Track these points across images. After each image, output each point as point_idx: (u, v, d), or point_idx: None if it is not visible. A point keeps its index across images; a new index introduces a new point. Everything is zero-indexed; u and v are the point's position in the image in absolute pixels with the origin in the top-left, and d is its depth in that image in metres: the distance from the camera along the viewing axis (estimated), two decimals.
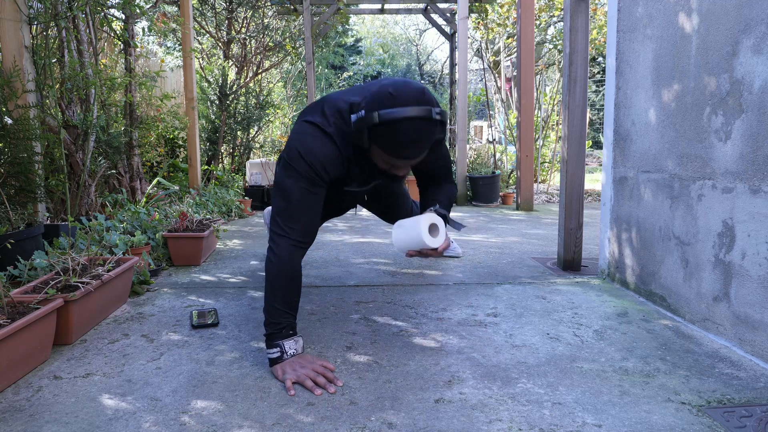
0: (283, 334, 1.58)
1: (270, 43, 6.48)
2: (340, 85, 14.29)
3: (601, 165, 9.17)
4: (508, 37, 6.72)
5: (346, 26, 7.71)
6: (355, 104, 1.63)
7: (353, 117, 1.54)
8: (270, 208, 2.93)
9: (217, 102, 6.02)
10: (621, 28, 2.40)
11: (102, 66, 3.95)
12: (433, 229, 1.68)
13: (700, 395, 1.44)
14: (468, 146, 6.91)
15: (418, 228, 1.62)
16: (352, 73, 16.86)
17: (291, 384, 1.48)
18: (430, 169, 1.90)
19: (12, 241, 2.18)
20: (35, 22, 2.86)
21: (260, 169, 5.40)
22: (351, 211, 4.92)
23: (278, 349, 1.57)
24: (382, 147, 1.51)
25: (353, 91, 1.74)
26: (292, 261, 1.62)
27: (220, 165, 6.15)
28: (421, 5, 7.01)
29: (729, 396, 1.44)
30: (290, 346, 1.58)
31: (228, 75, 6.17)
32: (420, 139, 1.49)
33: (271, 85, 7.47)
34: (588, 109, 6.32)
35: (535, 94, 5.44)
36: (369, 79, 23.06)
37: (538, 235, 3.74)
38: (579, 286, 2.47)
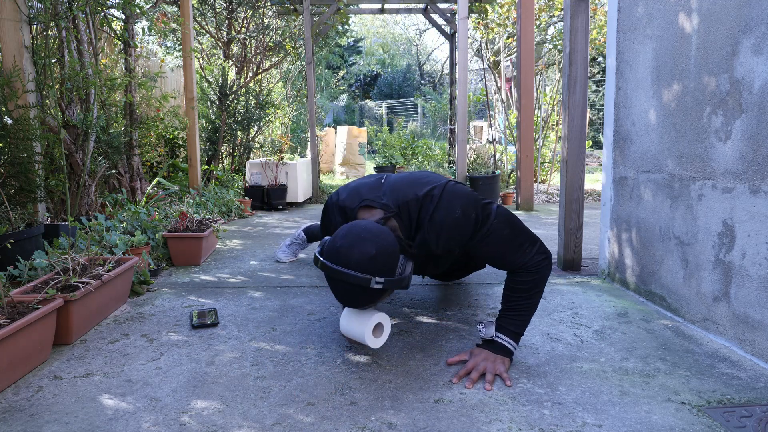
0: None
1: (270, 43, 6.48)
2: (338, 83, 14.28)
3: (601, 165, 9.16)
4: (508, 37, 6.72)
5: (346, 26, 7.71)
6: (354, 208, 1.72)
7: (316, 250, 1.57)
8: (307, 225, 2.91)
9: (217, 102, 6.02)
10: (621, 28, 2.40)
11: (102, 66, 3.95)
12: (378, 328, 1.60)
13: (700, 395, 1.44)
14: (468, 146, 6.91)
15: (362, 328, 1.56)
16: (345, 72, 16.83)
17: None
18: (491, 259, 1.70)
19: (12, 241, 2.18)
20: (35, 22, 2.86)
21: (260, 169, 5.40)
22: None
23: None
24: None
25: (352, 195, 1.76)
26: None
27: (220, 165, 6.15)
28: (421, 5, 7.01)
29: (729, 396, 1.44)
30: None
31: (228, 75, 6.17)
32: (352, 299, 1.48)
33: (271, 85, 7.46)
34: (588, 109, 6.31)
35: (535, 94, 5.44)
36: (368, 78, 23.05)
37: (538, 235, 3.73)
38: (579, 286, 2.47)
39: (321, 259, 1.50)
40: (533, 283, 1.64)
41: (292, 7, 6.29)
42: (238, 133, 6.34)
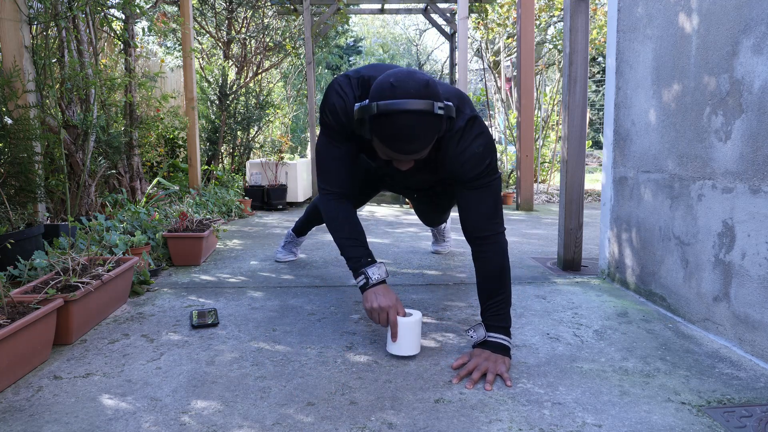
0: (362, 263, 1.69)
1: (270, 43, 6.48)
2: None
3: (601, 165, 9.17)
4: (508, 37, 6.72)
5: (346, 26, 7.71)
6: (371, 78, 1.67)
7: (356, 106, 1.52)
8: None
9: (217, 102, 6.02)
10: (621, 28, 2.40)
11: (102, 66, 3.95)
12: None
13: (700, 395, 1.44)
14: None
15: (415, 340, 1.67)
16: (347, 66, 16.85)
17: (369, 310, 1.65)
18: (468, 210, 1.69)
19: (12, 241, 2.18)
20: (35, 22, 2.86)
21: (260, 169, 5.40)
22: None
23: (363, 276, 1.67)
24: (380, 139, 1.47)
25: (376, 67, 1.75)
26: (336, 206, 1.76)
27: (220, 165, 6.15)
28: (421, 5, 7.01)
29: (729, 396, 1.44)
30: (373, 272, 1.68)
31: (228, 75, 6.17)
32: (418, 134, 1.42)
33: (271, 85, 7.46)
34: (588, 109, 6.31)
35: (535, 94, 5.44)
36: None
37: (538, 235, 3.74)
38: (579, 286, 2.47)
39: (376, 103, 1.41)
40: (500, 259, 1.67)
41: (292, 7, 6.28)
42: (238, 133, 6.34)
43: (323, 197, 1.81)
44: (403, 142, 1.44)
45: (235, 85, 6.13)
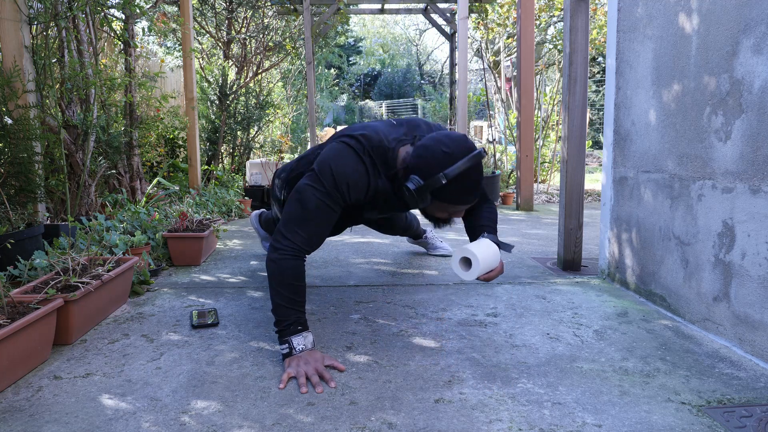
0: (290, 330, 1.62)
1: (270, 43, 6.48)
2: (335, 82, 14.26)
3: (601, 165, 9.17)
4: (508, 37, 6.72)
5: (346, 26, 7.71)
6: (396, 146, 1.75)
7: (410, 185, 1.61)
8: (258, 212, 2.95)
9: (217, 102, 6.02)
10: (621, 28, 2.40)
11: (102, 66, 3.95)
12: (464, 263, 1.73)
13: (700, 395, 1.44)
14: None
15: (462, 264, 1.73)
16: (342, 72, 16.84)
17: (286, 378, 1.51)
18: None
19: (12, 241, 2.18)
20: (35, 22, 2.86)
21: (260, 169, 5.40)
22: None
23: (287, 345, 1.61)
24: (448, 201, 1.63)
25: (389, 128, 1.81)
26: (294, 267, 1.65)
27: (220, 165, 6.15)
28: (421, 5, 7.01)
29: (729, 396, 1.44)
30: (298, 342, 1.61)
31: (228, 75, 6.17)
32: (481, 179, 1.63)
33: (271, 85, 7.46)
34: (588, 109, 6.31)
35: (535, 94, 5.44)
36: (368, 78, 23.02)
37: (538, 235, 3.74)
38: (579, 286, 2.47)
39: (443, 173, 1.55)
40: (491, 207, 2.01)
41: (292, 7, 6.29)
42: (238, 133, 6.34)
43: (285, 253, 1.64)
44: (474, 193, 1.63)
45: (235, 85, 6.13)
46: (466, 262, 1.72)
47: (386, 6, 6.80)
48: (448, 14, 6.98)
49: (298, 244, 1.66)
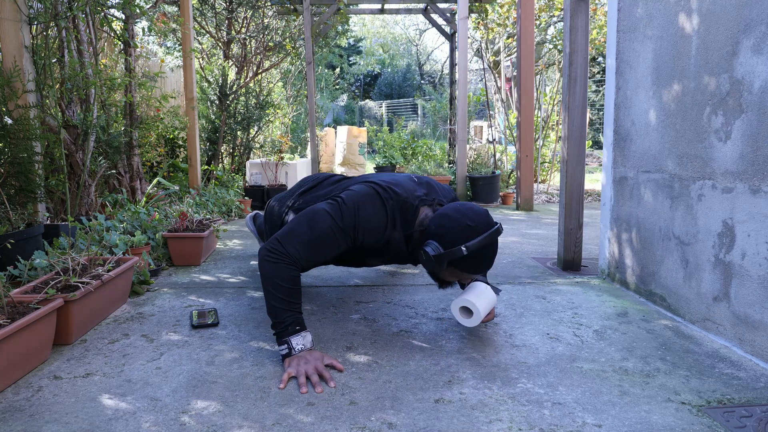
0: (289, 331, 1.62)
1: (270, 43, 6.48)
2: (336, 83, 14.27)
3: (601, 165, 9.17)
4: (508, 37, 6.72)
5: (346, 26, 7.71)
6: (418, 205, 1.81)
7: (429, 251, 1.67)
8: (253, 213, 2.93)
9: (217, 102, 6.02)
10: (621, 28, 2.40)
11: (102, 66, 3.95)
12: (464, 311, 1.79)
13: (700, 395, 1.44)
14: (468, 146, 6.91)
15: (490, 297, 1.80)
16: (342, 72, 16.83)
17: (286, 378, 1.52)
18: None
19: (12, 241, 2.18)
20: (35, 22, 2.86)
21: (260, 169, 5.40)
22: None
23: (286, 345, 1.61)
24: (464, 270, 1.70)
25: (412, 184, 1.86)
26: (289, 272, 1.66)
27: (220, 165, 6.15)
28: (421, 5, 7.01)
29: (729, 396, 1.44)
30: (297, 342, 1.61)
31: (228, 75, 6.17)
32: (496, 252, 1.71)
33: (271, 85, 7.46)
34: (588, 109, 6.31)
35: (535, 94, 5.44)
36: (368, 78, 23.02)
37: (538, 235, 3.74)
38: (579, 286, 2.47)
39: (465, 246, 1.63)
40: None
41: (292, 7, 6.29)
42: (238, 133, 6.34)
43: (279, 262, 1.64)
44: (489, 264, 1.72)
45: (235, 85, 6.13)
46: (467, 311, 1.77)
47: (386, 6, 6.80)
48: (448, 14, 6.98)
49: (295, 259, 1.67)
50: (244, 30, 6.31)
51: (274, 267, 1.64)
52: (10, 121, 2.54)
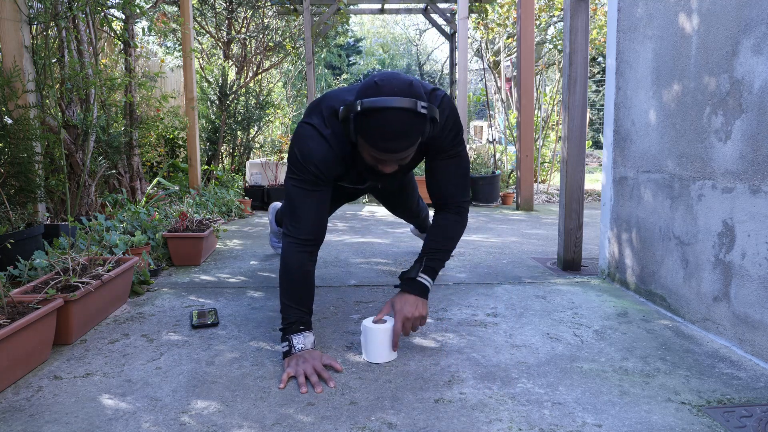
0: (292, 329, 1.63)
1: (270, 43, 6.48)
2: (339, 85, 14.28)
3: (601, 165, 9.17)
4: (508, 37, 6.72)
5: (346, 26, 7.71)
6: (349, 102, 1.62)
7: (341, 108, 1.53)
8: (275, 204, 2.98)
9: (217, 102, 6.02)
10: (621, 28, 2.40)
11: (102, 66, 3.95)
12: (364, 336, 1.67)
13: (700, 395, 1.44)
14: (468, 146, 6.91)
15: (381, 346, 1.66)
16: (348, 75, 16.84)
17: (286, 378, 1.52)
18: (439, 179, 1.79)
19: (12, 241, 2.18)
20: (35, 22, 2.86)
21: (260, 169, 5.40)
22: (351, 211, 4.93)
23: (287, 343, 1.62)
24: (365, 138, 1.48)
25: (351, 90, 1.73)
26: (297, 260, 1.67)
27: (220, 165, 6.15)
28: (421, 5, 7.01)
29: (729, 396, 1.44)
30: (299, 341, 1.61)
31: (228, 75, 6.17)
32: (402, 131, 1.44)
33: (271, 85, 7.46)
34: (588, 109, 6.32)
35: (535, 94, 5.44)
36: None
37: (538, 235, 3.74)
38: (579, 286, 2.47)
39: (360, 101, 1.43)
40: (456, 226, 1.82)
41: (292, 7, 6.29)
42: (238, 133, 6.35)
43: (288, 245, 1.67)
44: (387, 140, 1.45)
45: (235, 85, 6.13)
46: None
47: (386, 6, 6.80)
48: (448, 14, 6.98)
49: (296, 234, 1.67)
50: (244, 30, 6.31)
51: (285, 253, 1.68)
52: (10, 121, 2.54)
